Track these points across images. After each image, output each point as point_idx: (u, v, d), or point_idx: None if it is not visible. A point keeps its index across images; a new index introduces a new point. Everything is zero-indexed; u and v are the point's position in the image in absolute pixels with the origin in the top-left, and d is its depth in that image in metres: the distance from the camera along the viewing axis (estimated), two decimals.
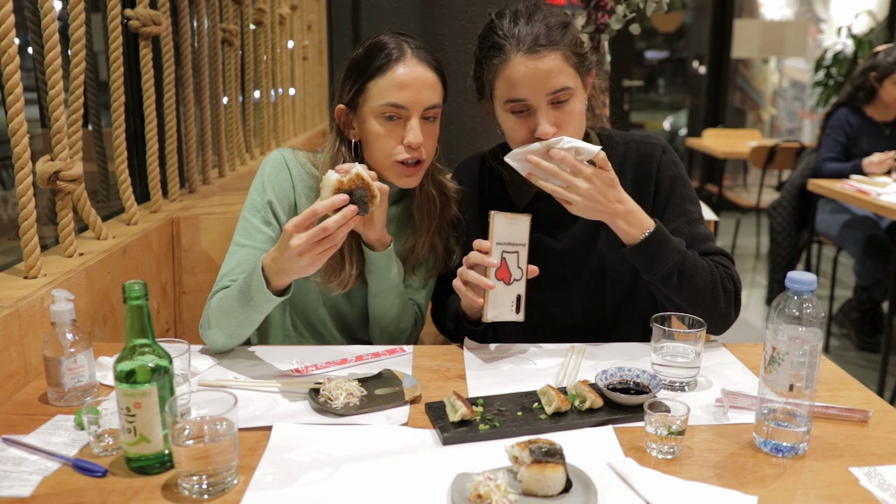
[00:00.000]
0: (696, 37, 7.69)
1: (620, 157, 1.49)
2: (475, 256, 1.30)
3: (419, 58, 1.37)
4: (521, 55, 1.32)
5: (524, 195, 1.50)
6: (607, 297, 1.49)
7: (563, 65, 1.32)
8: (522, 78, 1.32)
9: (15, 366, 1.22)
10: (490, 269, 1.30)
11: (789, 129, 7.66)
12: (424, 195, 1.49)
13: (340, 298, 1.53)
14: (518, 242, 1.33)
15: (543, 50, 1.31)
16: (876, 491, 0.94)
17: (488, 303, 1.31)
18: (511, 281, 1.33)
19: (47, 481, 0.96)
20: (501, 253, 1.31)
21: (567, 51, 1.33)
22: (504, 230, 1.31)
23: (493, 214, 1.30)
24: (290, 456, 1.02)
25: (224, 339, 1.35)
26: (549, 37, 1.32)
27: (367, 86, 1.37)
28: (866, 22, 6.41)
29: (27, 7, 1.76)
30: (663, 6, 2.20)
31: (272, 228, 1.45)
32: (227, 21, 2.52)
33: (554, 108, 1.34)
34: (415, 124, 1.36)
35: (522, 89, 1.33)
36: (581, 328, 1.50)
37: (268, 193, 1.45)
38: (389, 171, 1.40)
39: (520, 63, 1.32)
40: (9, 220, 2.73)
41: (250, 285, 1.27)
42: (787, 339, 1.00)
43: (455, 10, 1.98)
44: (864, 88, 3.60)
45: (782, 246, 4.00)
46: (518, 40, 1.32)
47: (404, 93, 1.35)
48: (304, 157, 1.49)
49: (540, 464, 0.91)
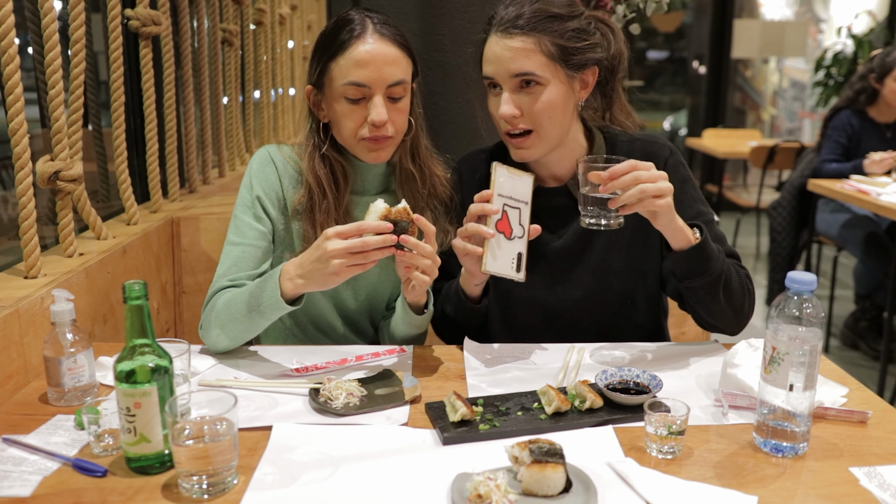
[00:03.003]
0: (696, 37, 7.69)
1: (625, 154, 1.45)
2: (475, 207, 1.28)
3: (381, 33, 1.36)
4: (496, 34, 1.34)
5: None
6: (607, 293, 1.48)
7: (533, 50, 1.32)
8: (491, 56, 1.35)
9: (15, 366, 1.22)
10: (490, 219, 1.27)
11: (789, 129, 7.66)
12: (405, 173, 1.48)
13: (346, 293, 1.52)
14: (520, 199, 1.31)
15: (517, 33, 1.32)
16: (876, 491, 0.94)
17: (487, 252, 1.26)
18: (512, 236, 1.30)
19: (47, 481, 0.96)
20: (503, 206, 1.29)
21: (545, 38, 1.32)
22: (507, 183, 1.29)
23: (496, 165, 1.29)
24: (290, 456, 1.02)
25: (227, 341, 1.35)
26: (528, 21, 1.32)
27: (330, 65, 1.37)
28: (866, 22, 6.40)
29: (27, 7, 1.76)
30: (663, 6, 2.19)
31: (263, 223, 1.45)
32: (227, 21, 2.52)
33: (521, 91, 1.34)
34: (378, 102, 1.35)
35: (489, 67, 1.36)
36: (579, 322, 1.49)
37: (256, 189, 1.45)
38: (357, 148, 1.40)
39: (494, 42, 1.35)
40: (9, 220, 2.73)
41: (263, 291, 1.28)
42: (787, 339, 1.00)
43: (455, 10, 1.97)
44: (866, 91, 3.60)
45: (782, 246, 3.99)
46: (500, 20, 1.34)
47: (365, 70, 1.34)
48: (289, 150, 1.50)
49: (540, 464, 0.91)
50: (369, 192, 1.50)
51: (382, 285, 1.54)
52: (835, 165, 3.57)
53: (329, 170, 1.43)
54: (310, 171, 1.42)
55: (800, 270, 1.14)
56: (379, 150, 1.39)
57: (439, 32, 1.89)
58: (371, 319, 1.59)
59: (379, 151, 1.40)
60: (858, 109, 3.64)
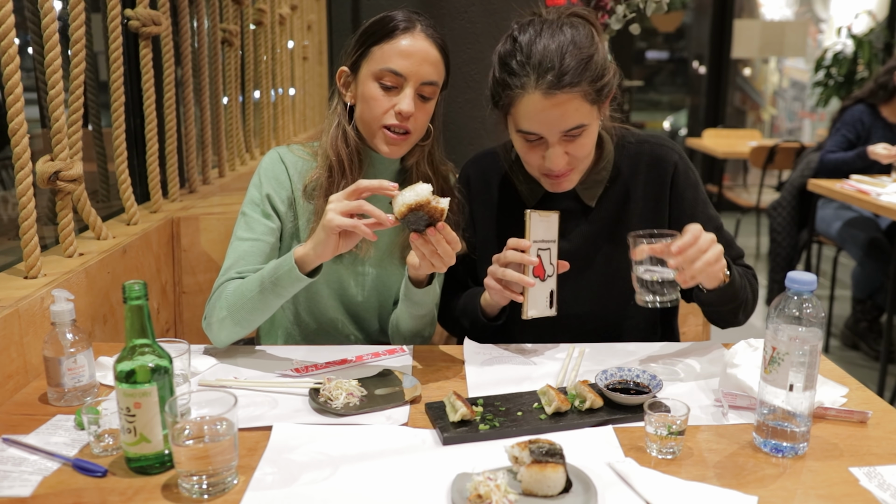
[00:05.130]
0: (696, 37, 7.69)
1: (633, 160, 1.49)
2: (514, 255, 1.30)
3: (427, 34, 1.40)
4: (540, 94, 1.28)
5: (535, 192, 1.49)
6: (613, 295, 1.48)
7: (580, 103, 1.30)
8: (537, 116, 1.30)
9: (15, 366, 1.22)
10: (528, 267, 1.30)
11: (789, 129, 7.66)
12: (421, 175, 1.49)
13: (348, 280, 1.51)
14: (550, 239, 1.34)
15: (560, 92, 1.27)
16: (876, 491, 0.94)
17: (528, 301, 1.31)
18: (545, 277, 1.34)
19: (47, 481, 0.96)
20: (537, 250, 1.32)
21: (587, 87, 1.29)
22: (540, 228, 1.32)
23: (529, 213, 1.31)
24: (290, 456, 1.02)
25: (231, 326, 1.34)
26: (570, 76, 1.27)
27: (372, 49, 1.39)
28: (866, 22, 6.41)
29: (27, 7, 1.76)
30: (663, 6, 2.19)
31: (272, 220, 1.46)
32: (227, 21, 2.52)
33: (567, 141, 1.34)
34: (409, 93, 1.38)
35: (536, 125, 1.32)
36: (586, 326, 1.50)
37: (265, 187, 1.47)
38: (376, 136, 1.42)
39: (537, 100, 1.29)
40: (9, 220, 2.73)
41: (278, 266, 1.28)
42: (787, 339, 1.00)
43: (455, 10, 1.98)
44: (886, 87, 3.58)
45: (782, 246, 3.99)
46: (538, 75, 1.28)
47: (405, 61, 1.37)
48: (299, 147, 1.52)
49: (540, 464, 0.91)
50: None
51: (390, 279, 1.54)
52: (838, 155, 3.56)
53: (350, 150, 1.44)
54: (332, 148, 1.44)
55: (800, 270, 1.13)
56: (396, 144, 1.41)
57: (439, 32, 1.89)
58: (380, 316, 1.58)
59: (395, 146, 1.42)
60: (872, 105, 3.63)
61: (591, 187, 1.47)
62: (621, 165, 1.48)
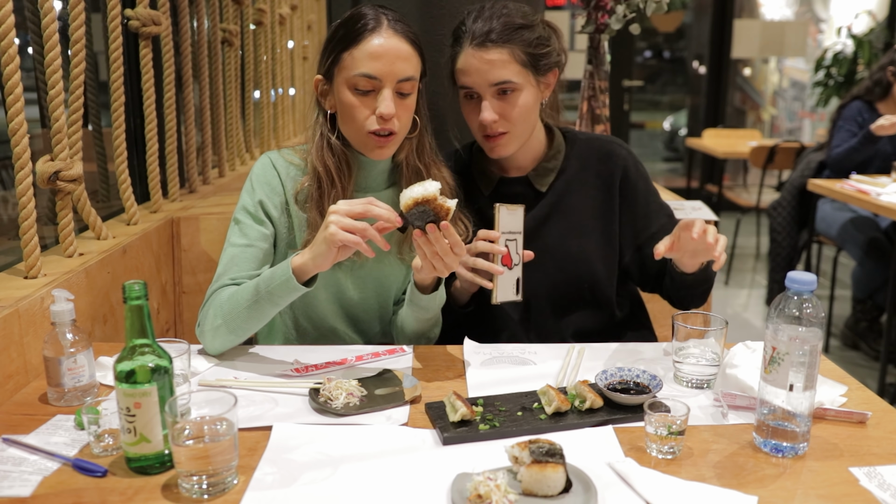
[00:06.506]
0: (696, 37, 7.69)
1: (583, 154, 1.59)
2: (484, 245, 1.34)
3: (395, 29, 1.38)
4: (471, 47, 1.44)
5: (489, 181, 1.60)
6: (567, 276, 1.56)
7: (508, 60, 1.43)
8: (468, 68, 1.45)
9: (15, 366, 1.22)
10: (497, 256, 1.35)
11: (789, 129, 7.66)
12: (411, 170, 1.49)
13: (345, 282, 1.50)
14: (517, 230, 1.39)
15: (491, 46, 1.43)
16: (876, 491, 0.94)
17: (497, 287, 1.36)
18: (512, 266, 1.39)
19: (47, 481, 0.96)
20: (505, 241, 1.37)
21: (517, 49, 1.44)
22: (507, 220, 1.37)
23: (498, 206, 1.36)
24: (290, 456, 1.02)
25: (226, 334, 1.33)
26: (500, 34, 1.43)
27: (342, 56, 1.38)
28: (866, 22, 6.40)
29: (27, 7, 1.76)
30: (663, 6, 2.19)
31: (265, 226, 1.45)
32: (227, 21, 2.52)
33: (499, 98, 1.46)
34: (387, 95, 1.37)
35: (468, 78, 1.46)
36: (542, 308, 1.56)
37: (258, 193, 1.46)
38: (362, 143, 1.42)
39: (469, 54, 1.45)
40: (9, 220, 2.73)
41: (272, 275, 1.28)
42: (787, 339, 1.00)
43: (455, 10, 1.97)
44: (881, 84, 3.59)
45: (782, 246, 3.99)
46: (472, 34, 1.44)
47: (377, 63, 1.35)
48: (289, 152, 1.52)
49: (540, 464, 0.91)
50: (374, 189, 1.50)
51: (388, 279, 1.54)
52: (844, 146, 3.56)
53: (337, 159, 1.44)
54: (318, 160, 1.43)
55: (800, 270, 1.13)
56: (383, 147, 1.41)
57: (439, 32, 1.89)
58: (380, 317, 1.57)
59: (382, 149, 1.41)
60: (870, 102, 3.63)
61: (543, 174, 1.57)
62: (571, 157, 1.59)
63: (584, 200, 1.57)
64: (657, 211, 1.59)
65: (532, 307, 1.56)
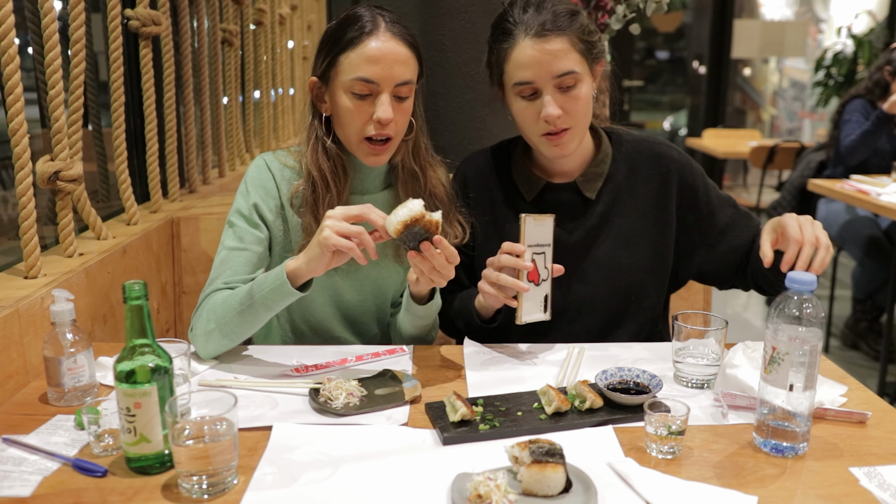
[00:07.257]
0: (696, 37, 7.69)
1: (632, 157, 1.50)
2: (508, 260, 1.29)
3: (393, 32, 1.35)
4: (529, 39, 1.35)
5: (533, 186, 1.50)
6: (616, 289, 1.49)
7: (569, 49, 1.35)
8: (529, 61, 1.35)
9: (15, 366, 1.22)
10: (523, 272, 1.29)
11: (789, 129, 7.66)
12: (406, 172, 1.47)
13: (343, 284, 1.50)
14: (545, 243, 1.33)
15: (550, 34, 1.34)
16: (876, 491, 0.94)
17: (522, 306, 1.31)
18: (540, 281, 1.33)
19: (47, 481, 0.96)
20: (532, 255, 1.31)
21: (574, 36, 1.36)
22: (534, 232, 1.31)
23: (524, 217, 1.30)
24: (290, 456, 1.02)
25: (219, 338, 1.32)
26: (555, 22, 1.35)
27: (339, 59, 1.35)
28: (866, 22, 6.41)
29: (27, 7, 1.76)
30: (663, 6, 2.19)
31: (260, 230, 1.43)
32: (227, 21, 2.52)
33: (561, 92, 1.37)
34: (385, 100, 1.34)
35: (529, 72, 1.36)
36: (588, 322, 1.50)
37: (252, 196, 1.44)
38: (358, 149, 1.39)
39: (527, 46, 1.35)
40: (9, 220, 2.73)
41: (266, 279, 1.27)
42: (787, 339, 1.00)
43: (455, 10, 1.97)
44: (881, 84, 3.60)
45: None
46: (526, 25, 1.36)
47: (375, 67, 1.33)
48: (284, 154, 1.49)
49: (540, 464, 0.91)
50: (370, 192, 1.50)
51: (385, 282, 1.53)
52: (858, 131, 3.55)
53: (332, 163, 1.41)
54: (313, 164, 1.41)
55: (800, 270, 1.14)
56: (378, 154, 1.39)
57: (439, 32, 1.89)
58: (378, 318, 1.57)
59: (379, 156, 1.39)
60: (871, 100, 3.64)
61: (591, 180, 1.48)
62: (619, 160, 1.50)
63: (635, 208, 1.48)
64: (720, 206, 1.50)
65: (573, 320, 1.49)
